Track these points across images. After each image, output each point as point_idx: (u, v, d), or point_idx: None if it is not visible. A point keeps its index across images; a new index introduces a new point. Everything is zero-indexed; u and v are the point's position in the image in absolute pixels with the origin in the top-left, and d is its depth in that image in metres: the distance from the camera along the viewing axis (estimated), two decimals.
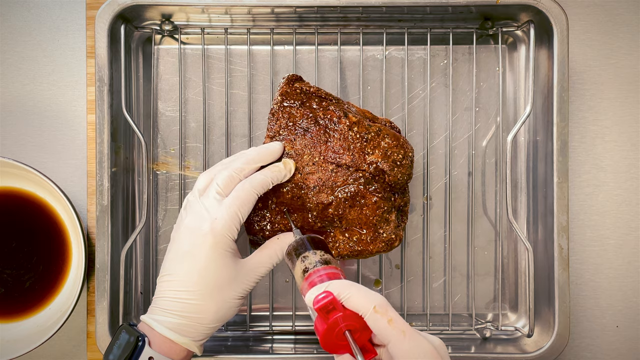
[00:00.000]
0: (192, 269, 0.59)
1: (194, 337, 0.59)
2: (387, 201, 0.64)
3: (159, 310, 0.59)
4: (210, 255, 0.59)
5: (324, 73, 0.75)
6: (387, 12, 0.70)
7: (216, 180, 0.61)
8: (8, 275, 0.72)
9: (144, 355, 0.57)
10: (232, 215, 0.60)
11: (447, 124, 0.74)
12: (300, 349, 0.72)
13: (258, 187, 0.61)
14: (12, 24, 0.76)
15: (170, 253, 0.61)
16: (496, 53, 0.75)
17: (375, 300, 0.53)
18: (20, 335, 0.71)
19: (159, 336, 0.58)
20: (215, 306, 0.59)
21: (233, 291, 0.60)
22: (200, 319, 0.59)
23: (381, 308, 0.52)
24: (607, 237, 0.76)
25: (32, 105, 0.76)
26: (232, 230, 0.60)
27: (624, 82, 0.77)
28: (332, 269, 0.58)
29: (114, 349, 0.58)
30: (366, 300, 0.53)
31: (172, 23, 0.73)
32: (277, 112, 0.65)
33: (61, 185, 0.70)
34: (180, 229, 0.61)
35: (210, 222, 0.59)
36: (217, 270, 0.59)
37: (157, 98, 0.75)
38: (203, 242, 0.59)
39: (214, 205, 0.60)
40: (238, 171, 0.61)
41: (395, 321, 0.52)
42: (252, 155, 0.62)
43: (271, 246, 0.63)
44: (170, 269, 0.60)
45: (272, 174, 0.62)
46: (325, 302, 0.52)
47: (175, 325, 0.59)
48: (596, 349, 0.76)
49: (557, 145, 0.69)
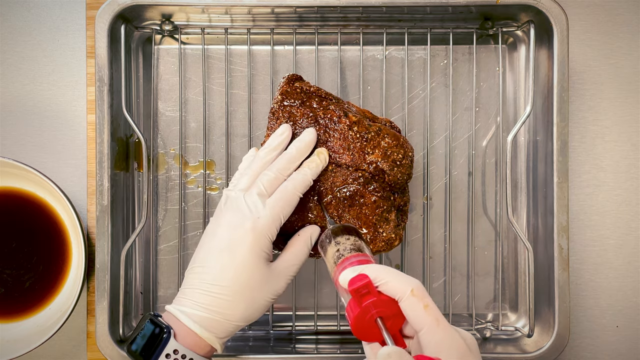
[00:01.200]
0: (229, 264, 0.58)
1: (218, 334, 0.59)
2: (387, 201, 0.64)
3: (187, 301, 0.59)
4: (249, 253, 0.59)
5: (324, 73, 0.75)
6: (387, 12, 0.70)
7: (261, 180, 0.61)
8: (8, 275, 0.72)
9: (169, 347, 0.57)
10: (275, 216, 0.60)
11: (447, 124, 0.75)
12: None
13: (300, 188, 0.61)
14: (12, 24, 0.76)
15: (206, 246, 0.60)
16: (496, 53, 0.75)
17: (413, 283, 0.51)
18: (20, 335, 0.71)
19: (184, 329, 0.58)
20: (244, 305, 0.59)
21: (264, 293, 0.60)
22: (228, 316, 0.58)
23: (418, 292, 0.51)
24: (607, 237, 0.76)
25: (32, 105, 0.76)
26: (272, 232, 0.60)
27: (624, 82, 0.77)
28: (364, 256, 0.57)
29: (137, 339, 0.58)
30: (404, 284, 0.51)
31: (172, 23, 0.73)
32: (277, 111, 0.65)
33: (61, 185, 0.70)
34: (220, 224, 0.60)
35: (252, 221, 0.59)
36: (253, 269, 0.59)
37: (157, 98, 0.75)
38: (243, 240, 0.59)
39: (258, 205, 0.60)
40: (281, 171, 0.61)
41: (431, 308, 0.51)
42: (293, 154, 0.62)
43: (295, 244, 0.63)
44: (204, 262, 0.59)
45: (311, 170, 0.62)
46: (360, 284, 0.51)
47: (202, 319, 0.58)
48: (596, 349, 0.76)
49: (557, 145, 0.69)
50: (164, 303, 0.75)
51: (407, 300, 0.51)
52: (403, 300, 0.51)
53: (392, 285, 0.51)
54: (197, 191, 0.75)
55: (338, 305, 0.75)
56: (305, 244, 0.63)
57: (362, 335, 0.53)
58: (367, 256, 0.58)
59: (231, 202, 0.61)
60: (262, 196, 0.60)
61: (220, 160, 0.75)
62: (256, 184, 0.61)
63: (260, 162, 0.62)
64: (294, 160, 0.62)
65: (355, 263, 0.56)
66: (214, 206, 0.75)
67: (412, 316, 0.51)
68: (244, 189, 0.61)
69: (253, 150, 0.65)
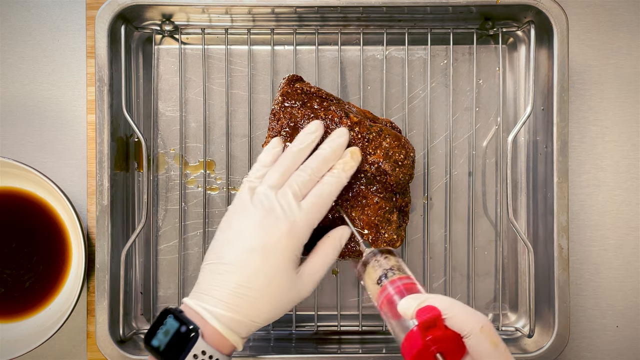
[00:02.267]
0: (260, 267, 0.56)
1: (241, 334, 0.57)
2: (389, 201, 0.64)
3: (210, 298, 0.57)
4: (282, 258, 0.57)
5: (324, 73, 0.75)
6: (388, 12, 0.70)
7: (295, 181, 0.59)
8: (8, 275, 0.72)
9: (197, 347, 0.55)
10: (310, 221, 0.58)
11: (447, 124, 0.75)
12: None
13: (335, 193, 0.60)
14: (12, 24, 0.76)
15: (233, 243, 0.58)
16: (496, 53, 0.75)
17: (482, 320, 0.50)
18: (20, 335, 0.71)
19: (209, 328, 0.56)
20: (270, 307, 0.57)
21: (290, 297, 0.58)
22: (253, 317, 0.57)
23: (487, 329, 0.49)
24: (607, 237, 0.76)
25: (32, 105, 0.76)
26: (306, 236, 0.58)
27: (624, 82, 0.77)
28: (409, 279, 0.56)
29: (158, 335, 0.56)
30: (473, 319, 0.49)
31: (173, 23, 0.73)
32: (278, 112, 0.65)
33: (61, 185, 0.70)
34: (250, 221, 0.57)
35: (288, 224, 0.57)
36: (283, 274, 0.57)
37: (157, 98, 0.75)
38: (278, 244, 0.57)
39: (293, 207, 0.58)
40: (316, 173, 0.59)
41: (500, 347, 0.49)
42: (327, 155, 0.60)
43: (324, 247, 0.61)
44: (231, 260, 0.57)
45: (346, 173, 0.60)
46: (430, 316, 0.49)
47: (227, 320, 0.56)
48: (596, 349, 0.76)
49: (557, 145, 0.69)
50: (164, 303, 0.75)
51: (474, 338, 0.49)
52: (470, 338, 0.49)
53: (460, 320, 0.50)
54: (197, 191, 0.75)
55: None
56: (335, 248, 0.61)
57: None
58: (412, 279, 0.56)
59: (261, 198, 0.58)
60: (297, 198, 0.58)
61: (220, 160, 0.75)
62: (290, 184, 0.59)
63: (292, 159, 0.60)
64: (328, 162, 0.60)
65: (402, 287, 0.55)
66: (214, 206, 0.75)
67: (478, 354, 0.49)
68: (274, 187, 0.59)
69: (277, 142, 0.62)
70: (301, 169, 0.59)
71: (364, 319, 0.74)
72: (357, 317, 0.74)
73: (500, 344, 0.49)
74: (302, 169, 0.59)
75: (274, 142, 0.62)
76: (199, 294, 0.58)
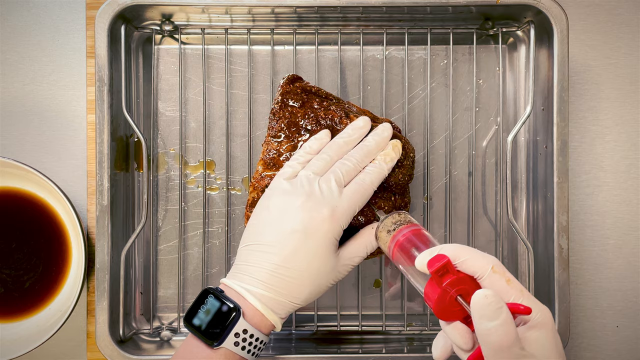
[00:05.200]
0: (302, 248, 0.57)
1: (280, 314, 0.59)
2: (388, 202, 0.64)
3: (250, 279, 0.58)
4: (323, 241, 0.58)
5: (324, 73, 0.75)
6: (387, 12, 0.70)
7: (339, 168, 0.60)
8: (8, 276, 0.72)
9: (239, 326, 0.56)
10: (351, 207, 0.59)
11: (447, 124, 0.75)
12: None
13: (376, 183, 0.61)
14: (12, 24, 0.76)
15: (274, 224, 0.59)
16: (496, 53, 0.75)
17: (492, 260, 0.52)
18: (20, 335, 0.71)
19: (250, 308, 0.57)
20: (309, 289, 0.59)
21: (328, 278, 0.60)
22: (292, 298, 0.58)
23: (499, 268, 0.51)
24: (607, 237, 0.76)
25: (32, 105, 0.76)
26: (346, 222, 0.59)
27: (624, 82, 0.77)
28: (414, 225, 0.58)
29: (199, 314, 0.57)
30: (483, 261, 0.51)
31: (173, 23, 0.73)
32: (278, 112, 0.65)
33: (61, 185, 0.70)
34: (291, 204, 0.59)
35: (330, 209, 0.58)
36: (324, 257, 0.58)
37: (157, 98, 0.75)
38: (319, 227, 0.58)
39: (335, 192, 0.59)
40: (359, 163, 0.61)
41: (513, 281, 0.51)
42: (371, 148, 0.62)
43: (364, 235, 0.62)
44: (271, 240, 0.58)
45: (387, 165, 0.62)
46: (439, 265, 0.51)
47: (268, 300, 0.57)
48: (596, 349, 0.76)
49: (557, 145, 0.69)
50: (164, 303, 0.75)
51: (488, 278, 0.51)
52: (484, 278, 0.51)
53: (472, 263, 0.52)
54: (197, 191, 0.75)
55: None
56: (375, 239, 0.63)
57: (444, 315, 0.52)
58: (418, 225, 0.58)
59: (303, 182, 0.59)
60: (340, 185, 0.60)
61: (220, 160, 0.75)
62: (334, 171, 0.60)
63: (337, 149, 0.62)
64: (371, 155, 0.62)
65: (408, 234, 0.57)
66: (214, 206, 0.75)
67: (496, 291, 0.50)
68: (318, 173, 0.60)
69: (326, 133, 0.63)
70: (345, 158, 0.61)
71: (364, 319, 0.74)
72: (357, 317, 0.74)
73: (512, 279, 0.51)
74: (347, 158, 0.61)
75: (322, 132, 0.64)
76: (237, 274, 0.59)
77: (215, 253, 0.75)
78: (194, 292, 0.75)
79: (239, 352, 0.57)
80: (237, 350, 0.57)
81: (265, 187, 0.63)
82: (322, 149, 0.62)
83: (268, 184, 0.63)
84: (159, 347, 0.72)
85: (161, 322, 0.75)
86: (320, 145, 0.63)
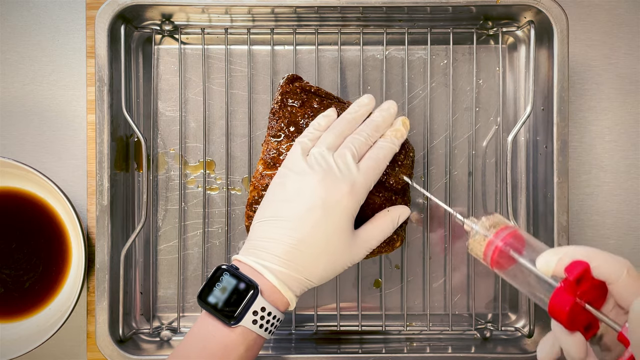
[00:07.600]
0: (321, 223, 0.57)
1: (296, 292, 0.58)
2: (389, 201, 0.64)
3: (266, 254, 0.57)
4: (341, 217, 0.57)
5: (324, 73, 0.75)
6: (387, 12, 0.70)
7: (352, 143, 0.60)
8: (8, 276, 0.72)
9: (257, 304, 0.55)
10: (368, 182, 0.59)
11: (447, 124, 0.75)
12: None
13: (388, 157, 0.61)
14: (12, 24, 0.76)
15: (292, 201, 0.58)
16: (496, 53, 0.75)
17: (626, 263, 0.48)
18: (20, 335, 0.71)
19: (267, 284, 0.56)
20: (324, 266, 0.58)
21: (344, 259, 0.59)
22: (308, 274, 0.57)
23: (632, 271, 0.48)
24: (607, 237, 0.76)
25: (32, 105, 0.76)
26: (363, 197, 0.59)
27: (624, 82, 0.77)
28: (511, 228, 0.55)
29: (214, 292, 0.56)
30: (618, 265, 0.48)
31: (172, 23, 0.73)
32: (277, 111, 0.65)
33: (61, 185, 0.70)
34: (310, 181, 0.58)
35: (349, 184, 0.58)
36: (342, 233, 0.58)
37: (157, 98, 0.75)
38: (338, 202, 0.57)
39: (352, 167, 0.58)
40: (370, 137, 0.61)
41: None
42: (379, 122, 0.62)
43: (382, 218, 0.62)
44: (290, 216, 0.57)
45: (398, 140, 0.62)
46: (579, 271, 0.47)
47: (284, 276, 0.56)
48: None
49: (557, 145, 0.69)
50: (164, 303, 0.75)
51: (622, 283, 0.48)
52: (617, 284, 0.48)
53: (606, 269, 0.48)
54: (197, 191, 0.75)
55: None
56: (392, 222, 0.62)
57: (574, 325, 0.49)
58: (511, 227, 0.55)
59: (318, 159, 0.59)
60: (355, 159, 0.59)
61: (220, 160, 0.75)
62: (347, 146, 0.60)
63: (346, 124, 0.61)
64: (380, 130, 0.62)
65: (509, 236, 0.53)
66: (214, 206, 0.75)
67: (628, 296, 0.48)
68: (331, 148, 0.60)
69: (333, 110, 0.63)
70: (356, 133, 0.61)
71: (364, 319, 0.74)
72: (357, 317, 0.74)
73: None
74: (358, 132, 0.61)
75: (330, 110, 0.64)
76: (251, 250, 0.58)
77: (215, 253, 0.75)
78: (194, 292, 0.75)
79: (257, 330, 0.56)
80: (255, 329, 0.56)
81: (265, 187, 0.63)
82: (329, 125, 0.62)
83: (268, 184, 0.63)
84: (159, 347, 0.72)
85: (161, 322, 0.75)
86: (328, 122, 0.62)
